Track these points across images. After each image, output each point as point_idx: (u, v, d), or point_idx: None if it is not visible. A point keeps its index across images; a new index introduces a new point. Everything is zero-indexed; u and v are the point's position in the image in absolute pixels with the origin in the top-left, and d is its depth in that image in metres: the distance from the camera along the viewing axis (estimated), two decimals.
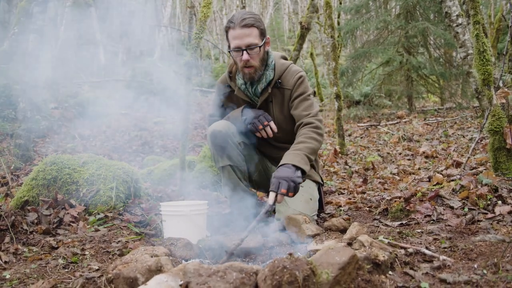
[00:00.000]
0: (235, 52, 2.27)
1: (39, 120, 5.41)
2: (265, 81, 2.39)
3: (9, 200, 2.66)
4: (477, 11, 2.60)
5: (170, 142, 6.13)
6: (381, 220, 2.33)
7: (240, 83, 2.45)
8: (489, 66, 2.52)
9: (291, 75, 2.41)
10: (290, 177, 1.95)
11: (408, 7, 8.70)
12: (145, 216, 2.57)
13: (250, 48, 2.23)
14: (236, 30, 2.21)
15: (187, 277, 1.22)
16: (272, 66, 2.40)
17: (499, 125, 2.46)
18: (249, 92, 2.45)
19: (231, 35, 2.25)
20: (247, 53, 2.23)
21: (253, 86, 2.42)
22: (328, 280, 1.20)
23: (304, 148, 2.15)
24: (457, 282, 1.33)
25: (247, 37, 2.21)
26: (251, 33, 2.22)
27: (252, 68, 2.29)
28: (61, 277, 1.67)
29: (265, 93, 2.42)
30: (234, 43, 2.24)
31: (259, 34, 2.26)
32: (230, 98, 2.57)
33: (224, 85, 2.56)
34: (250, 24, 2.21)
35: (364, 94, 10.48)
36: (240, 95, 2.48)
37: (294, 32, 23.17)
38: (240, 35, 2.21)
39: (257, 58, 2.28)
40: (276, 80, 2.40)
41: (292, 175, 1.96)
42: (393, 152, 5.20)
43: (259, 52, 2.27)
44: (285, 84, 2.41)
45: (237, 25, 2.21)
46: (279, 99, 2.44)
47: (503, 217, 2.02)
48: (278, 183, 1.94)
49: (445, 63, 9.29)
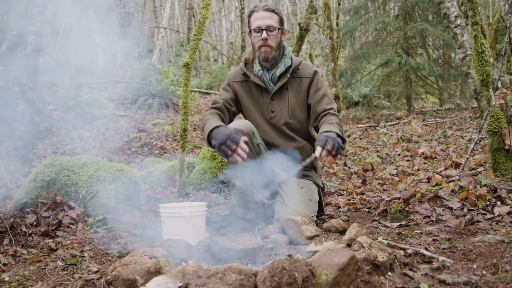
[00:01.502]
0: (256, 33, 2.43)
1: (38, 122, 5.40)
2: (283, 66, 2.49)
3: (8, 202, 2.65)
4: (475, 12, 2.60)
5: (169, 144, 6.13)
6: (380, 221, 2.33)
7: (258, 69, 2.52)
8: (488, 67, 2.53)
9: (308, 66, 2.56)
10: (336, 138, 2.05)
11: (407, 8, 8.71)
12: (144, 217, 2.57)
13: (270, 29, 2.41)
14: (259, 13, 2.43)
15: (186, 279, 1.22)
16: (289, 55, 2.53)
17: (497, 125, 2.47)
18: (266, 77, 2.52)
19: (253, 17, 2.45)
20: (267, 33, 2.40)
21: (270, 72, 2.50)
22: (328, 281, 1.20)
23: (337, 124, 2.24)
24: (456, 283, 1.33)
25: (268, 19, 2.42)
26: (272, 17, 2.43)
27: (269, 48, 2.42)
28: (60, 279, 1.67)
29: (283, 79, 2.50)
30: (256, 24, 2.42)
31: (278, 20, 2.46)
32: (243, 87, 2.59)
33: (240, 72, 2.61)
34: (271, 9, 2.44)
35: (363, 95, 10.50)
36: (255, 81, 2.53)
37: (293, 33, 23.19)
38: (262, 17, 2.42)
39: (274, 40, 2.43)
40: (294, 68, 2.52)
41: (337, 138, 2.06)
42: (392, 153, 5.20)
43: (277, 35, 2.44)
44: (303, 73, 2.53)
45: (260, 8, 2.44)
46: (295, 87, 2.53)
47: (502, 217, 2.02)
48: (325, 140, 2.04)
49: (444, 64, 9.31)
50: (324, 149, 2.02)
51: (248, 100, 2.59)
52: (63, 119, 6.48)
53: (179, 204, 2.41)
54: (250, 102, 2.58)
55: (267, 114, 2.55)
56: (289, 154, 2.42)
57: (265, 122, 2.56)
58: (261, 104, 2.57)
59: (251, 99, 2.58)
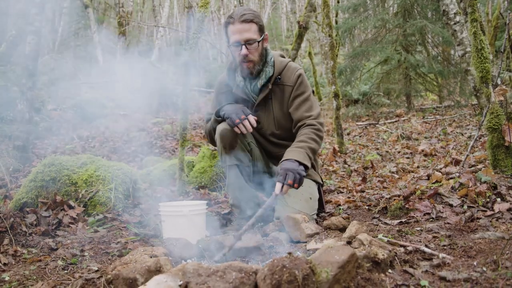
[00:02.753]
0: (234, 47, 2.29)
1: (38, 122, 5.40)
2: (264, 77, 2.38)
3: (8, 202, 2.65)
4: (474, 9, 2.60)
5: (169, 143, 6.13)
6: (381, 219, 2.33)
7: (239, 80, 2.43)
8: (487, 63, 2.52)
9: (291, 72, 2.42)
10: (296, 170, 2.01)
11: (406, 6, 8.70)
12: (144, 216, 2.56)
13: (249, 43, 2.25)
14: (236, 25, 2.24)
15: (187, 277, 1.22)
16: (271, 63, 2.41)
17: (497, 122, 2.46)
18: (248, 89, 2.43)
19: (230, 30, 2.28)
20: (246, 47, 2.25)
21: (252, 83, 2.42)
22: (328, 279, 1.20)
23: (306, 147, 2.18)
24: (456, 279, 1.33)
25: (246, 32, 2.24)
26: (250, 28, 2.25)
27: (251, 63, 2.31)
28: (60, 278, 1.67)
29: (265, 90, 2.41)
30: (234, 38, 2.26)
31: (258, 29, 2.29)
32: (228, 98, 2.54)
33: (223, 83, 2.55)
34: (249, 20, 2.24)
35: (362, 92, 10.50)
36: (238, 93, 2.46)
37: (292, 32, 23.16)
38: (240, 30, 2.24)
39: (255, 53, 2.30)
40: (276, 76, 2.40)
41: (297, 168, 2.02)
42: (392, 151, 5.20)
43: (257, 47, 2.29)
44: (286, 80, 2.41)
45: (237, 20, 2.24)
46: (279, 96, 2.44)
47: (502, 214, 2.02)
48: (285, 174, 2.00)
49: (443, 61, 9.30)
50: (284, 185, 1.98)
51: None
52: (63, 119, 6.48)
53: (179, 202, 2.41)
54: None
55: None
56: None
57: (254, 131, 2.49)
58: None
59: None
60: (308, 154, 2.15)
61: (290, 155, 2.10)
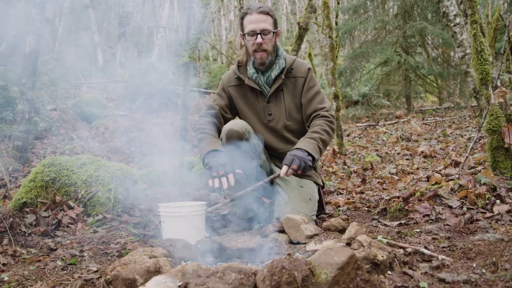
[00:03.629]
0: (250, 36, 2.37)
1: (37, 122, 5.40)
2: (278, 68, 2.45)
3: (8, 202, 2.65)
4: (474, 11, 2.60)
5: (168, 143, 6.12)
6: (380, 220, 2.33)
7: (252, 72, 2.47)
8: (487, 65, 2.53)
9: (301, 65, 2.51)
10: (303, 158, 2.13)
11: (406, 7, 8.71)
12: (143, 217, 2.56)
13: (264, 33, 2.34)
14: (253, 15, 2.35)
15: (186, 278, 1.22)
16: (283, 56, 2.48)
17: (497, 124, 2.47)
18: (261, 80, 2.47)
19: (247, 20, 2.37)
20: (261, 37, 2.34)
21: (265, 74, 2.46)
22: (327, 280, 1.20)
23: (318, 138, 2.26)
24: (456, 281, 1.33)
25: (262, 22, 2.34)
26: (266, 20, 2.36)
27: (264, 53, 2.37)
28: (59, 278, 1.67)
29: (278, 81, 2.46)
30: (250, 27, 2.36)
31: (273, 22, 2.39)
32: (237, 91, 2.55)
33: (233, 77, 2.56)
34: (266, 12, 2.36)
35: (362, 94, 10.50)
36: (250, 84, 2.49)
37: (292, 33, 23.19)
38: (256, 20, 2.34)
39: (269, 44, 2.38)
40: (288, 68, 2.47)
41: (305, 157, 2.13)
42: (392, 152, 5.20)
43: (271, 38, 2.38)
44: (297, 73, 2.49)
45: (254, 11, 2.35)
46: (290, 87, 2.49)
47: (502, 216, 2.03)
48: (292, 159, 2.13)
49: (443, 63, 9.30)
50: (289, 168, 2.12)
51: (244, 104, 2.55)
52: (62, 119, 6.48)
53: (178, 203, 2.41)
54: (246, 107, 2.55)
55: (264, 118, 2.52)
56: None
57: (262, 126, 2.53)
58: (257, 107, 2.53)
59: (247, 103, 2.54)
60: (319, 145, 2.24)
61: (301, 145, 2.20)
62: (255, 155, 2.46)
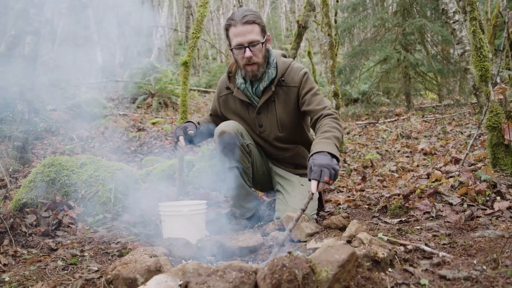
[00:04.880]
0: (237, 50, 2.22)
1: (37, 122, 5.40)
2: (267, 79, 2.31)
3: (8, 203, 2.65)
4: (473, 8, 2.60)
5: (168, 143, 6.12)
6: (380, 218, 2.33)
7: (240, 82, 2.36)
8: (487, 62, 2.52)
9: (295, 72, 2.34)
10: (331, 165, 1.82)
11: (405, 5, 8.70)
12: (144, 216, 2.56)
13: (253, 45, 2.18)
14: (238, 27, 2.17)
15: (187, 277, 1.22)
16: (274, 64, 2.34)
17: (497, 121, 2.46)
18: (249, 92, 2.36)
19: (232, 33, 2.21)
20: (250, 50, 2.19)
21: (254, 85, 2.35)
22: (328, 278, 1.20)
23: (332, 136, 2.04)
24: (456, 278, 1.33)
25: (249, 33, 2.17)
26: (253, 30, 2.18)
27: (255, 65, 2.24)
28: (60, 278, 1.67)
29: (268, 92, 2.34)
30: (236, 41, 2.20)
31: (260, 31, 2.22)
32: (228, 101, 2.50)
33: (224, 86, 2.49)
34: (251, 21, 2.17)
35: (362, 92, 10.51)
36: (239, 96, 2.39)
37: (291, 31, 23.16)
38: (242, 32, 2.17)
39: (259, 55, 2.23)
40: (279, 78, 2.33)
41: (331, 163, 1.83)
42: (392, 150, 5.20)
43: (261, 48, 2.23)
44: (290, 81, 2.34)
45: (238, 22, 2.17)
46: (282, 97, 2.36)
47: (502, 212, 2.02)
48: (320, 171, 1.79)
49: (443, 60, 9.30)
50: (320, 182, 1.78)
51: (234, 115, 2.47)
52: (62, 119, 6.48)
53: (179, 202, 2.41)
54: (237, 117, 2.46)
55: (256, 129, 2.44)
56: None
57: (255, 135, 2.47)
58: (248, 119, 2.43)
59: (237, 114, 2.46)
60: (336, 144, 2.01)
61: (321, 147, 1.92)
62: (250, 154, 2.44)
